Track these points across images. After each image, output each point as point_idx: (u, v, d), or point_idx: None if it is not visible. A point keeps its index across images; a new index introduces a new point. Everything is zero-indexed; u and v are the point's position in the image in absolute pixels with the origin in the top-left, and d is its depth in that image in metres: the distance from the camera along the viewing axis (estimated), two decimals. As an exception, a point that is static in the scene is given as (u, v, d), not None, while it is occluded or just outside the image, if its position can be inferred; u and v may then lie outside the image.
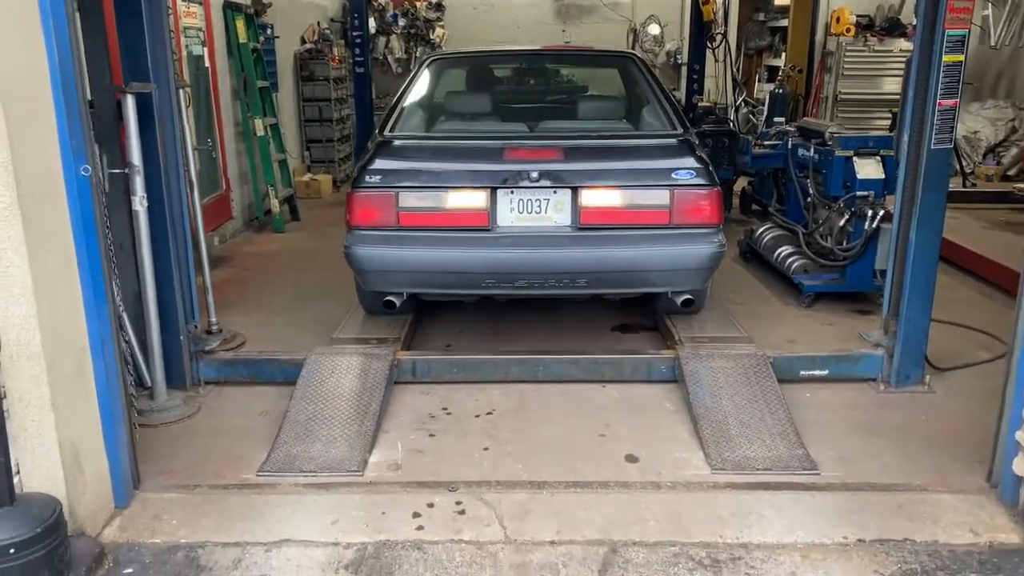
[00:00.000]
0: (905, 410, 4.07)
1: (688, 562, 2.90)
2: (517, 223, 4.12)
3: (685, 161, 4.18)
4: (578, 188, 4.08)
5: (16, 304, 2.71)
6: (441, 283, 4.30)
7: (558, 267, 4.13)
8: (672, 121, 4.67)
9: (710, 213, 4.14)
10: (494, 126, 4.78)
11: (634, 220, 4.14)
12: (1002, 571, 2.86)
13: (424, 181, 4.15)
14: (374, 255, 4.15)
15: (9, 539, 2.53)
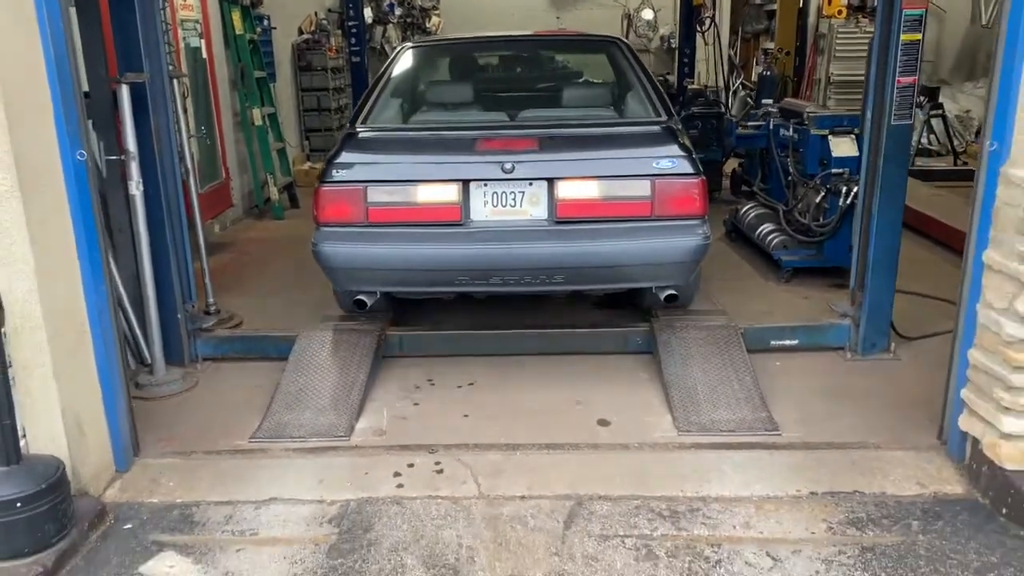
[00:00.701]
0: (869, 376, 4.25)
1: (649, 513, 3.10)
2: (491, 217, 3.96)
3: (667, 149, 3.99)
4: (554, 180, 3.91)
5: (19, 280, 2.92)
6: (413, 281, 4.13)
7: (534, 263, 3.94)
8: (655, 107, 4.51)
9: (694, 204, 3.94)
10: (470, 116, 4.60)
11: (614, 212, 3.95)
12: (942, 518, 3.05)
13: (394, 175, 4.01)
14: (343, 253, 3.97)
15: (15, 494, 2.75)
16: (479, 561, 2.85)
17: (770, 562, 2.83)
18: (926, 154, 10.73)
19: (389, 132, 4.47)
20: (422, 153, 4.15)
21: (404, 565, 2.84)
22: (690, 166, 3.95)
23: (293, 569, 2.84)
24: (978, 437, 3.19)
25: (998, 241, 3.04)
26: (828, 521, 3.05)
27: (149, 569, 2.87)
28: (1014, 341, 2.96)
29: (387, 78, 4.83)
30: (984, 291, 3.11)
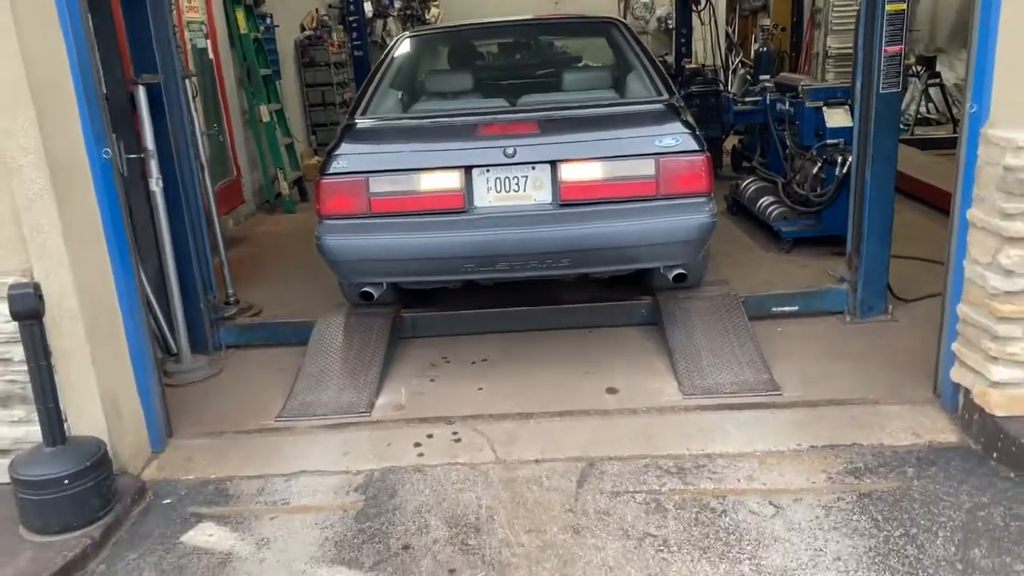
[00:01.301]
0: (867, 338, 4.40)
1: (657, 471, 3.28)
2: (495, 203, 3.93)
3: (670, 127, 3.96)
4: (557, 163, 3.88)
5: (55, 272, 3.11)
6: (418, 270, 4.10)
7: (540, 247, 3.90)
8: (657, 86, 4.46)
9: (699, 181, 3.89)
10: (470, 103, 4.54)
11: (618, 193, 3.90)
12: (936, 464, 3.21)
13: (395, 164, 3.98)
14: (346, 245, 3.95)
15: (63, 472, 2.95)
16: (498, 519, 3.03)
17: (772, 510, 3.00)
18: (925, 123, 10.82)
19: (389, 122, 4.42)
20: (423, 141, 4.12)
21: (428, 525, 3.02)
22: (694, 143, 3.92)
23: (324, 533, 3.03)
24: (969, 387, 3.35)
25: (980, 199, 3.19)
26: (828, 471, 3.22)
27: (190, 538, 3.07)
28: (998, 293, 3.11)
29: (385, 68, 4.82)
30: (969, 247, 3.26)
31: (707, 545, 2.83)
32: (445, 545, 2.91)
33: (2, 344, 3.18)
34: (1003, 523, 2.85)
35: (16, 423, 3.28)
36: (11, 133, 2.95)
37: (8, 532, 3.02)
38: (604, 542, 2.87)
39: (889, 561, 2.70)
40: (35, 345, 2.91)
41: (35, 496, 2.94)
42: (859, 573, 2.65)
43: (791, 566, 2.70)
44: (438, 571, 2.78)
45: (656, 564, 2.75)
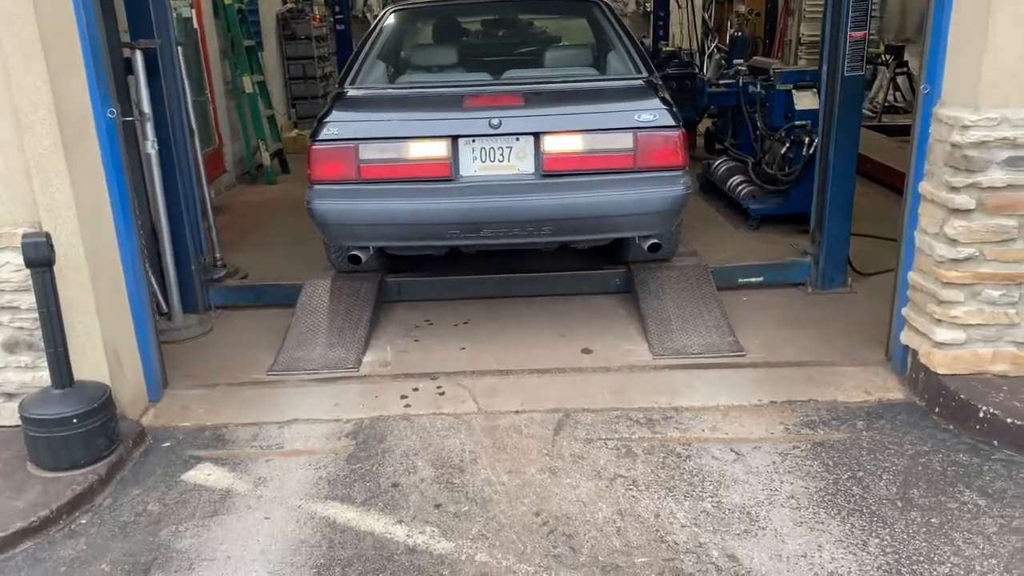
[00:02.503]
0: (827, 307, 4.69)
1: (627, 421, 3.53)
2: (480, 172, 4.06)
3: (648, 103, 4.12)
4: (540, 135, 4.01)
5: (63, 225, 3.26)
6: (405, 235, 4.23)
7: (522, 215, 4.04)
8: (636, 64, 4.60)
9: (675, 155, 4.05)
10: (456, 76, 4.71)
11: (598, 165, 4.06)
12: (884, 418, 3.50)
13: (384, 132, 4.09)
14: (336, 209, 4.07)
15: (73, 411, 3.13)
16: (481, 462, 3.26)
17: (733, 456, 3.26)
18: (893, 111, 11.15)
19: (378, 91, 4.54)
20: (412, 110, 4.24)
21: (416, 466, 3.24)
22: (671, 119, 4.06)
23: (318, 473, 3.24)
24: (916, 348, 3.63)
25: (931, 174, 3.45)
26: (785, 424, 3.49)
27: (190, 477, 3.26)
28: (944, 261, 3.38)
29: (373, 40, 4.90)
30: (920, 219, 3.53)
31: (673, 485, 3.08)
32: (431, 483, 3.14)
33: (10, 293, 3.34)
34: (941, 468, 3.14)
35: (23, 368, 3.44)
36: (24, 89, 3.10)
37: (18, 469, 3.19)
38: (578, 482, 3.11)
39: (837, 499, 2.97)
40: (46, 292, 3.08)
41: (45, 434, 3.12)
42: (810, 509, 2.92)
43: (749, 503, 2.97)
44: (425, 505, 3.01)
45: (626, 501, 3.00)
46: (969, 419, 3.32)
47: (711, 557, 2.70)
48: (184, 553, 2.81)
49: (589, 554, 2.73)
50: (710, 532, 2.82)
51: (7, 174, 3.24)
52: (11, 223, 3.28)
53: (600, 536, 2.82)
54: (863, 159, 6.58)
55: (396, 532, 2.87)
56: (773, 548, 2.73)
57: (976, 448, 3.24)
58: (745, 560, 2.68)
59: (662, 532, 2.83)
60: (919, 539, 2.75)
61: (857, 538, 2.77)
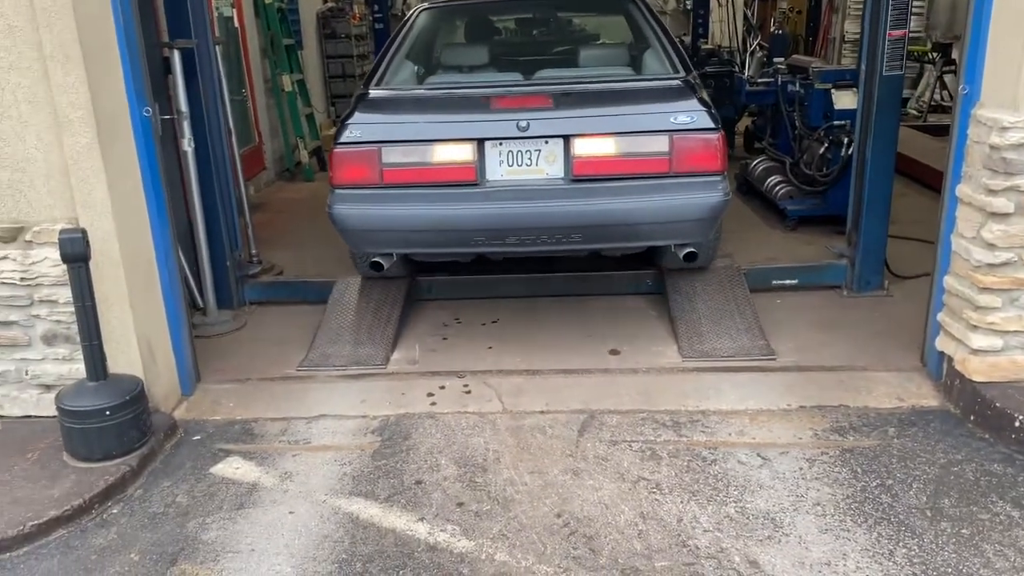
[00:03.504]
0: (862, 310, 4.60)
1: (653, 424, 3.50)
2: (507, 176, 3.89)
3: (685, 104, 3.92)
4: (570, 137, 3.83)
5: (99, 221, 3.34)
6: (428, 242, 4.11)
7: (551, 222, 3.87)
8: (673, 63, 4.41)
9: (713, 159, 3.84)
10: (486, 76, 4.58)
11: (631, 169, 3.86)
12: (916, 425, 3.42)
13: (408, 135, 3.96)
14: (358, 214, 3.92)
15: (107, 403, 3.21)
16: (504, 461, 3.27)
17: (760, 461, 3.22)
18: (939, 110, 10.89)
19: (402, 92, 4.39)
20: (436, 112, 4.11)
21: (439, 464, 3.26)
22: (709, 120, 3.85)
23: (343, 469, 3.27)
24: (951, 355, 3.54)
25: (969, 176, 3.37)
26: (814, 429, 3.43)
27: (219, 470, 3.32)
28: (981, 265, 3.30)
29: (401, 39, 4.77)
30: (957, 222, 3.45)
31: (697, 489, 3.06)
32: (454, 481, 3.15)
33: (48, 287, 3.43)
34: (973, 478, 3.06)
35: (60, 360, 3.53)
36: (64, 88, 3.18)
37: (54, 459, 3.28)
38: (601, 483, 3.10)
39: (864, 507, 2.92)
40: (82, 287, 3.15)
41: (79, 425, 3.20)
42: (836, 517, 2.87)
43: (774, 509, 2.93)
44: (447, 503, 3.02)
45: (648, 504, 2.98)
46: (1005, 428, 3.24)
47: (732, 563, 2.67)
48: (210, 545, 2.87)
49: (609, 556, 2.72)
50: (732, 537, 2.79)
51: (46, 171, 3.33)
52: (50, 219, 3.37)
53: (621, 539, 2.80)
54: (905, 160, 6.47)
55: (418, 529, 2.89)
56: (796, 555, 2.69)
57: (1011, 458, 3.16)
58: (767, 567, 2.65)
59: (684, 536, 2.80)
60: (948, 550, 2.69)
61: (884, 547, 2.71)
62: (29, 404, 3.60)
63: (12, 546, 2.85)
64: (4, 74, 3.21)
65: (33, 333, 3.53)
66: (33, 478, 3.17)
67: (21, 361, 3.57)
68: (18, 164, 3.32)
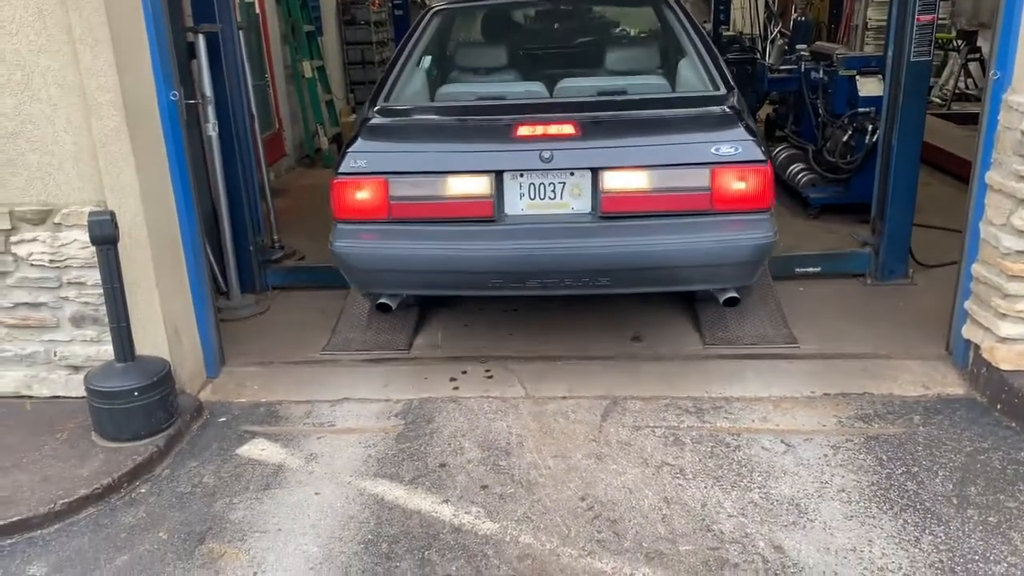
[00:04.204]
0: (886, 299, 4.57)
1: (676, 410, 3.50)
2: (528, 210, 3.54)
3: (729, 133, 3.48)
4: (599, 170, 3.45)
5: (126, 204, 3.37)
6: (440, 283, 3.75)
7: (575, 264, 3.52)
8: (711, 75, 3.97)
9: (760, 195, 3.44)
10: (503, 87, 4.18)
11: (667, 206, 3.47)
12: (941, 413, 3.40)
13: (418, 165, 3.57)
14: (363, 252, 3.59)
15: (134, 384, 3.24)
16: (527, 445, 3.28)
17: (783, 447, 3.21)
18: (963, 99, 10.77)
19: (412, 117, 3.98)
20: (450, 141, 3.73)
21: (463, 447, 3.28)
22: (755, 152, 3.42)
23: (367, 451, 3.30)
24: (978, 343, 3.52)
25: (999, 163, 3.33)
26: (838, 416, 3.42)
27: (244, 452, 3.35)
28: (1010, 253, 3.26)
29: (412, 48, 4.35)
30: (986, 209, 3.41)
31: (720, 475, 3.05)
32: (478, 465, 3.17)
33: (77, 269, 3.47)
34: (1000, 466, 3.04)
35: (88, 342, 3.57)
36: (93, 72, 3.20)
37: (83, 438, 3.32)
38: (624, 468, 3.11)
39: (890, 495, 2.91)
40: (110, 269, 3.18)
41: (108, 406, 3.24)
42: (860, 504, 2.87)
43: (798, 495, 2.92)
44: (471, 486, 3.04)
45: (672, 489, 2.98)
46: (1033, 417, 3.21)
47: (757, 548, 2.67)
48: (237, 524, 2.90)
49: (633, 540, 2.73)
50: (757, 523, 2.79)
51: (75, 154, 3.36)
52: (79, 202, 3.40)
53: (645, 523, 2.81)
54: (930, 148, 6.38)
55: (442, 511, 2.91)
56: (821, 541, 2.69)
57: (1039, 447, 3.14)
58: (792, 552, 2.65)
59: (708, 521, 2.80)
60: (975, 537, 2.68)
61: (910, 534, 2.70)
62: (58, 385, 3.64)
63: (43, 523, 2.90)
64: (34, 57, 3.24)
65: (62, 315, 3.57)
66: (63, 457, 3.21)
67: (50, 343, 3.61)
68: (47, 147, 3.35)
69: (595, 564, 2.63)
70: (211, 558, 2.74)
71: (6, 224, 3.42)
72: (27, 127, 3.32)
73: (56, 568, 2.72)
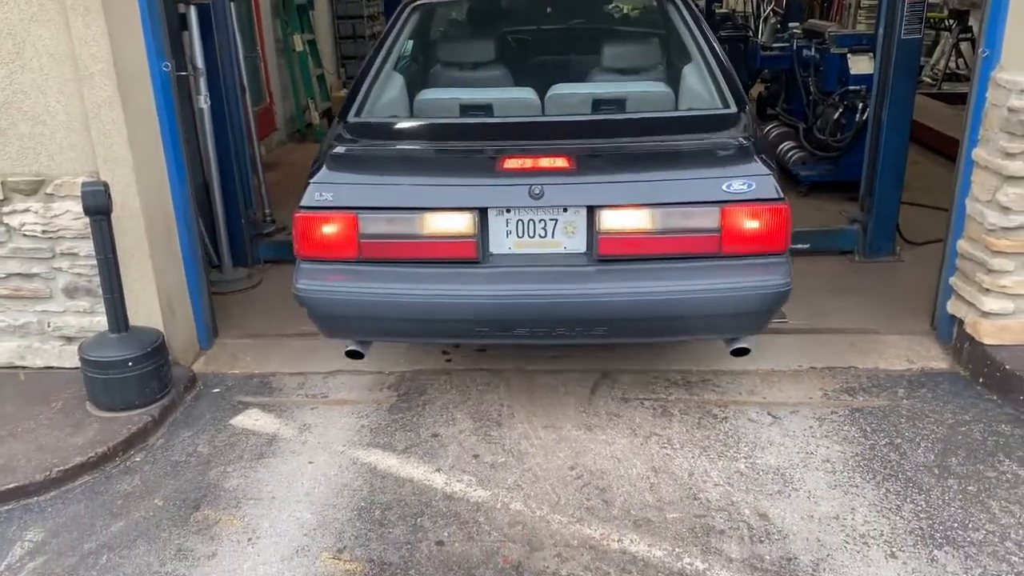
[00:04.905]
0: (874, 275, 4.62)
1: (665, 383, 3.55)
2: (516, 250, 3.14)
3: (742, 167, 3.06)
4: (596, 208, 3.04)
5: (119, 175, 3.38)
6: (416, 332, 3.34)
7: (568, 312, 3.10)
8: (720, 88, 3.50)
9: (775, 237, 3.05)
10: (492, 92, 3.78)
11: (671, 249, 3.07)
12: (925, 387, 3.47)
13: (392, 200, 3.13)
14: (329, 296, 3.15)
15: (128, 355, 3.27)
16: (518, 417, 3.33)
17: (770, 419, 3.27)
18: (954, 79, 10.80)
19: (386, 142, 3.53)
20: (428, 173, 3.31)
21: (455, 418, 3.32)
22: (771, 188, 3.01)
23: (361, 422, 3.34)
24: (962, 318, 3.58)
25: (986, 139, 3.37)
26: (824, 389, 3.48)
27: (238, 422, 3.39)
28: (995, 229, 3.31)
29: (388, 46, 3.87)
30: (972, 186, 3.46)
31: (707, 445, 3.11)
32: (470, 435, 3.21)
33: (70, 240, 3.48)
34: (981, 438, 3.11)
35: (81, 313, 3.59)
36: (85, 41, 3.19)
37: (77, 408, 3.35)
38: (613, 438, 3.16)
39: (873, 464, 2.97)
40: (103, 239, 3.20)
41: (102, 375, 3.26)
42: (844, 474, 2.93)
43: (783, 465, 2.98)
44: (463, 455, 3.09)
45: (660, 458, 3.04)
46: (1013, 390, 3.28)
47: (742, 515, 2.73)
48: (232, 492, 2.94)
49: (622, 507, 2.78)
50: (743, 491, 2.85)
51: (67, 124, 3.35)
52: (71, 173, 3.40)
53: (633, 491, 2.86)
54: (919, 127, 6.43)
55: (435, 480, 2.96)
56: (805, 509, 2.75)
57: (1019, 419, 3.20)
58: (776, 520, 2.71)
59: (695, 490, 2.86)
60: (954, 506, 2.74)
61: (891, 503, 2.77)
62: (51, 355, 3.66)
63: (39, 490, 2.93)
64: (26, 26, 3.22)
65: (55, 286, 3.58)
66: (57, 426, 3.24)
67: (43, 313, 3.62)
68: (39, 117, 3.34)
69: (584, 530, 2.68)
70: (206, 524, 2.78)
71: (-2, 195, 3.43)
72: (18, 97, 3.32)
73: (53, 533, 2.76)
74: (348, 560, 2.60)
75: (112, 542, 2.71)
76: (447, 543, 2.65)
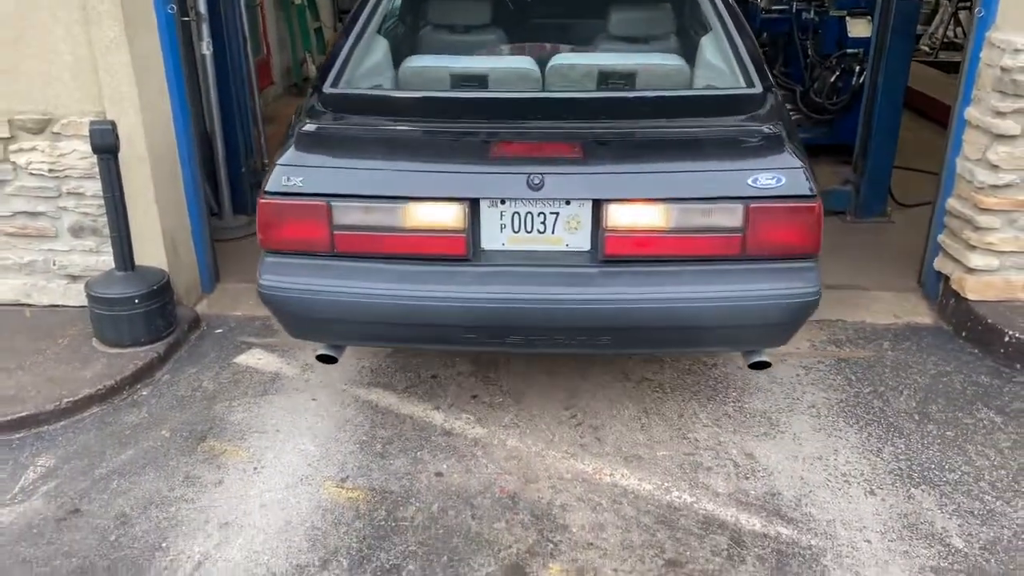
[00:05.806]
0: (864, 235, 4.72)
1: (658, 331, 3.65)
2: (510, 245, 2.76)
3: (770, 160, 2.65)
4: (602, 202, 2.66)
5: (126, 115, 3.41)
6: (396, 336, 2.97)
7: (569, 318, 2.72)
8: (744, 64, 3.03)
9: (806, 238, 2.68)
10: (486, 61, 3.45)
11: (687, 250, 2.71)
12: (910, 340, 3.58)
13: (371, 187, 2.71)
14: (297, 294, 2.75)
15: (135, 292, 3.34)
16: (515, 363, 3.43)
17: (758, 367, 3.38)
18: (952, 47, 10.81)
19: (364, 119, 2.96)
20: (413, 156, 2.84)
21: (454, 362, 3.42)
22: (803, 184, 2.62)
23: (361, 363, 3.43)
24: (948, 274, 3.68)
25: (978, 99, 3.44)
26: (812, 341, 3.58)
27: (242, 360, 3.48)
28: (984, 187, 3.40)
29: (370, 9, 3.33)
30: (963, 145, 3.54)
31: (698, 390, 3.22)
32: (468, 376, 3.31)
33: (76, 179, 3.53)
34: (961, 387, 3.23)
35: (87, 252, 3.65)
36: (93, -20, 3.21)
37: (84, 344, 3.43)
38: (607, 382, 3.27)
39: (856, 411, 3.09)
40: (111, 178, 3.25)
41: (109, 312, 3.34)
42: (829, 418, 3.05)
43: (770, 409, 3.10)
44: (462, 395, 3.19)
45: (651, 401, 3.15)
46: (994, 343, 3.39)
47: (729, 454, 2.85)
48: (237, 425, 3.04)
49: (613, 445, 2.89)
50: (730, 432, 2.96)
51: (75, 65, 3.38)
52: (77, 112, 3.44)
53: (625, 431, 2.97)
54: (915, 94, 6.47)
55: (434, 417, 3.06)
56: (790, 450, 2.87)
57: (998, 371, 3.32)
58: (762, 459, 2.83)
59: (684, 430, 2.98)
60: (933, 449, 2.87)
61: (873, 446, 2.89)
62: (56, 294, 3.73)
63: (50, 420, 3.02)
64: (33, -37, 3.24)
65: (60, 225, 3.64)
66: (65, 360, 3.32)
67: (49, 252, 3.68)
68: (46, 55, 3.37)
69: (577, 465, 2.80)
70: (212, 454, 2.88)
71: (5, 132, 3.46)
72: (27, 34, 3.34)
73: (64, 460, 2.85)
74: (351, 488, 2.71)
75: (122, 468, 2.81)
76: (446, 474, 2.76)
